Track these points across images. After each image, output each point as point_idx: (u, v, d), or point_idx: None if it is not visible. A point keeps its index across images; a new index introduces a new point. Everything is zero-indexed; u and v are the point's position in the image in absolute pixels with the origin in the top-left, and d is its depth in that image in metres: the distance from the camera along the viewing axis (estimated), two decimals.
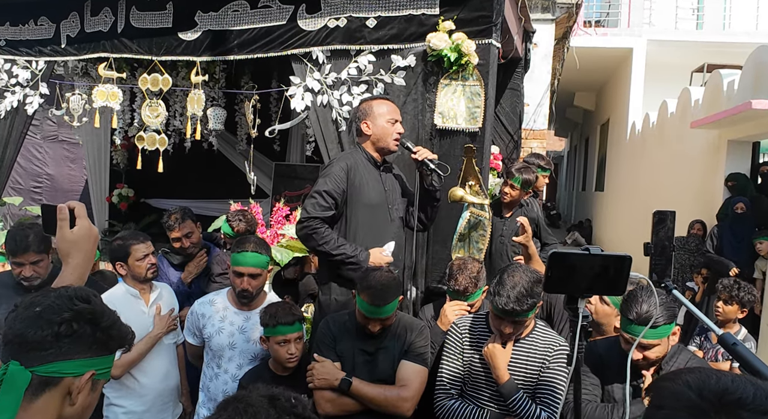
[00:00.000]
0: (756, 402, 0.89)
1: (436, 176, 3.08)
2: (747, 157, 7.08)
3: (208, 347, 2.97)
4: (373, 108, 3.13)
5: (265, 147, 6.00)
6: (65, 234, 1.62)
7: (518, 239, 3.47)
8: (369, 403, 2.58)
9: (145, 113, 4.41)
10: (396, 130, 3.13)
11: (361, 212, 3.07)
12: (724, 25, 12.32)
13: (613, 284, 1.77)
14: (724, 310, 4.03)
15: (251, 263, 2.91)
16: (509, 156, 5.37)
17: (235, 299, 3.00)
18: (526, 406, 2.43)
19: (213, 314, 2.97)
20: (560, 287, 1.83)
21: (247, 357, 2.93)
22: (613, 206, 12.70)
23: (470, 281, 2.90)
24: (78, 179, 8.31)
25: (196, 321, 3.00)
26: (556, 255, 1.75)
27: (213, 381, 2.94)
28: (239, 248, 2.93)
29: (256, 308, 2.99)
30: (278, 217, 4.69)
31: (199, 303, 3.06)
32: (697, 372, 0.97)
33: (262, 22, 3.79)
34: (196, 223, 3.91)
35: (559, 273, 1.75)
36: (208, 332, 2.95)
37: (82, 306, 1.31)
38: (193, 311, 3.04)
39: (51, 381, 1.26)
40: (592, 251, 1.74)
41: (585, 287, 1.78)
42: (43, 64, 4.51)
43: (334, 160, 3.18)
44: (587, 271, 1.75)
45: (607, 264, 1.75)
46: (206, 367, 3.01)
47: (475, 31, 3.38)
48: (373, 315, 2.59)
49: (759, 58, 6.03)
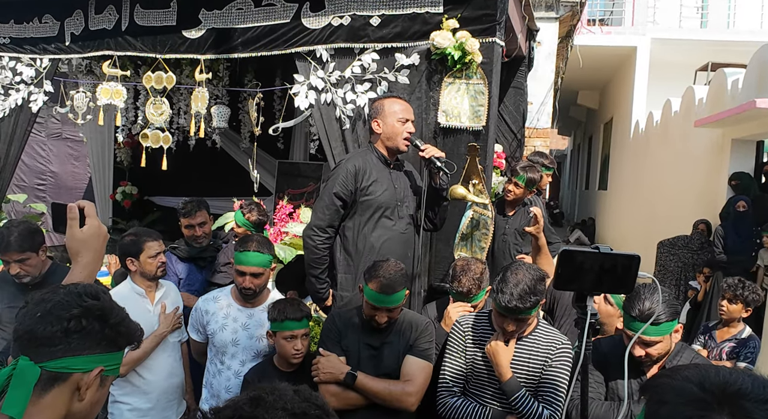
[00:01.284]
0: (755, 391, 0.91)
1: (443, 174, 3.09)
2: (751, 156, 7.07)
3: (212, 343, 2.99)
4: (385, 107, 3.15)
5: (269, 145, 6.01)
6: (75, 233, 1.63)
7: (530, 230, 3.45)
8: (374, 397, 2.59)
9: (149, 111, 4.42)
10: (406, 129, 3.14)
11: (370, 211, 3.10)
12: (729, 23, 12.28)
13: (621, 283, 1.80)
14: (728, 309, 4.03)
15: (253, 262, 2.93)
16: (512, 155, 5.37)
17: (239, 296, 3.02)
18: (528, 404, 2.43)
19: (217, 310, 2.99)
20: (570, 285, 1.86)
21: (250, 353, 2.95)
22: (617, 205, 12.68)
23: (474, 283, 2.90)
24: (82, 177, 8.33)
25: (200, 317, 3.02)
26: (566, 253, 1.78)
27: (216, 378, 2.96)
28: (242, 247, 2.95)
29: (259, 305, 3.01)
30: (281, 215, 4.70)
31: (203, 300, 3.08)
32: (695, 368, 0.99)
33: (266, 20, 3.79)
34: (210, 215, 3.98)
35: (568, 271, 1.78)
36: (212, 328, 2.96)
37: (91, 303, 1.32)
38: (197, 308, 3.06)
39: (60, 376, 1.27)
40: (601, 249, 1.77)
41: (594, 285, 1.81)
42: (48, 62, 4.52)
43: (343, 160, 3.22)
44: (596, 269, 1.77)
45: (616, 263, 1.78)
46: (210, 363, 3.03)
47: (479, 30, 3.39)
48: (381, 303, 2.59)
49: (763, 57, 6.01)
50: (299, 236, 4.61)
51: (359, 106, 3.58)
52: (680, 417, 0.92)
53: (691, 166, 8.18)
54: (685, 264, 6.83)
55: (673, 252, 6.94)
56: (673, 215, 8.35)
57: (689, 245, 6.85)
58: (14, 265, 3.06)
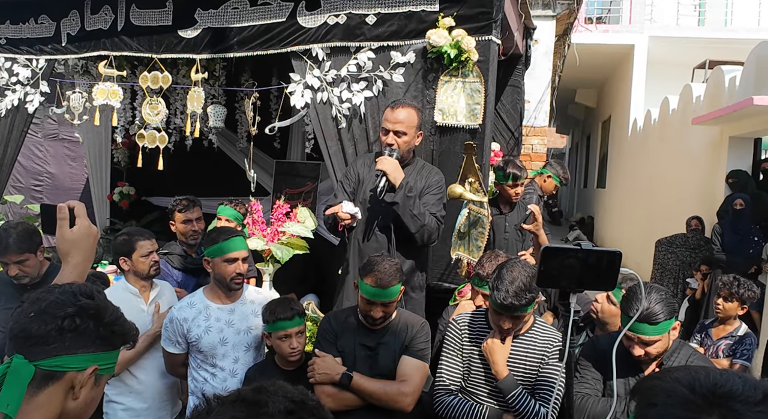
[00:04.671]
0: (746, 393, 0.90)
1: (384, 183, 3.10)
2: (748, 153, 7.07)
3: (197, 350, 2.85)
4: (384, 115, 3.26)
5: (266, 145, 6.00)
6: (65, 233, 1.63)
7: (528, 227, 3.46)
8: (369, 398, 2.59)
9: (145, 111, 4.41)
10: (386, 140, 3.19)
11: (360, 206, 3.19)
12: (726, 21, 12.29)
13: (603, 279, 1.81)
14: (724, 307, 4.03)
15: (242, 246, 2.88)
16: (510, 153, 5.36)
17: (216, 295, 2.92)
18: (525, 402, 2.43)
19: (195, 315, 2.86)
20: (552, 282, 1.88)
21: (240, 349, 2.89)
22: (615, 203, 12.69)
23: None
24: (79, 178, 8.31)
25: (178, 327, 2.85)
26: (548, 250, 1.78)
27: (208, 383, 2.85)
28: (224, 236, 2.87)
29: (237, 299, 2.95)
30: (278, 214, 4.69)
31: (177, 309, 2.90)
32: (684, 369, 0.99)
33: (261, 20, 3.79)
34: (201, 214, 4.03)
35: (551, 268, 1.79)
36: (195, 334, 2.83)
37: (85, 302, 1.33)
38: (172, 319, 2.87)
39: (54, 375, 1.28)
40: (583, 246, 1.77)
41: (576, 282, 1.82)
42: (44, 63, 4.51)
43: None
44: (578, 266, 1.78)
45: (598, 260, 1.78)
46: (195, 372, 2.90)
47: (475, 28, 3.38)
48: (377, 298, 2.59)
49: (761, 54, 6.01)
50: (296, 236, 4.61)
51: (355, 105, 3.58)
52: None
53: (689, 164, 8.19)
54: (683, 262, 6.83)
55: (672, 250, 6.95)
56: (671, 212, 8.35)
57: (687, 243, 6.85)
58: (13, 267, 3.05)
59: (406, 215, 3.09)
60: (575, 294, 1.85)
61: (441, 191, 3.26)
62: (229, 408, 0.94)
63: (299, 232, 4.59)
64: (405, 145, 3.21)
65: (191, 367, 2.93)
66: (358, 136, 3.62)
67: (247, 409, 0.93)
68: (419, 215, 3.09)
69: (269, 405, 0.93)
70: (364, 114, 3.57)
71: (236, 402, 0.95)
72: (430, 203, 3.18)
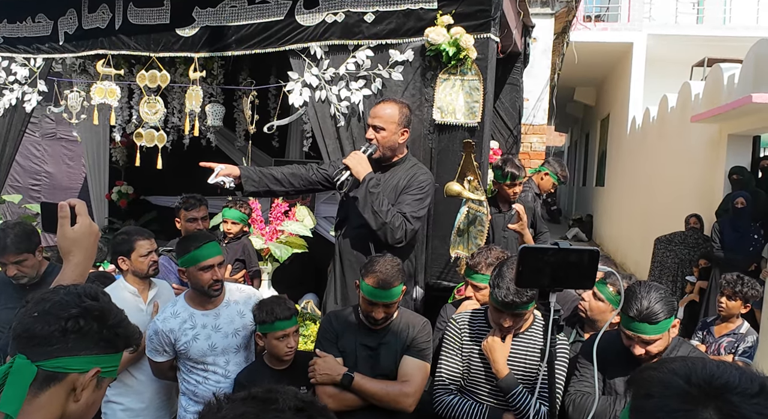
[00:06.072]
0: (742, 385, 0.90)
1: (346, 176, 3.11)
2: (747, 151, 7.07)
3: (186, 358, 2.81)
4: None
5: (264, 143, 5.99)
6: (66, 232, 1.62)
7: (513, 227, 3.48)
8: (371, 398, 2.57)
9: (143, 110, 4.40)
10: (367, 134, 3.20)
11: (345, 203, 3.25)
12: (725, 19, 12.29)
13: (582, 278, 1.81)
14: (727, 305, 4.03)
15: (215, 252, 2.80)
16: (509, 151, 5.36)
17: (199, 301, 2.85)
18: (525, 401, 2.42)
19: (181, 324, 2.79)
20: (531, 282, 1.88)
21: (230, 351, 2.85)
22: (614, 201, 12.68)
23: (483, 261, 2.91)
24: (77, 177, 8.29)
25: (164, 338, 2.78)
26: (526, 250, 1.78)
27: (201, 386, 2.82)
28: (196, 244, 2.78)
29: (221, 302, 2.89)
30: (277, 213, 4.69)
31: (160, 321, 2.81)
32: (681, 360, 0.98)
33: (259, 18, 3.77)
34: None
35: (530, 268, 1.79)
36: (184, 344, 2.77)
37: (89, 303, 1.33)
38: (157, 332, 2.78)
39: (56, 376, 1.27)
40: (561, 245, 1.78)
41: (555, 282, 1.82)
42: (41, 62, 4.50)
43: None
44: (557, 266, 1.78)
45: (576, 259, 1.78)
46: (187, 376, 2.85)
47: (474, 26, 3.37)
48: (378, 298, 2.57)
49: (759, 52, 6.00)
50: (295, 235, 4.60)
51: (354, 103, 3.57)
52: (666, 410, 0.90)
53: (687, 161, 8.18)
54: (681, 260, 6.83)
55: (670, 249, 6.94)
56: (670, 210, 8.35)
57: (686, 241, 6.85)
58: (11, 267, 3.03)
59: (367, 210, 3.01)
60: (554, 294, 1.85)
61: (423, 192, 3.15)
62: (239, 405, 0.97)
63: (298, 231, 4.59)
64: (384, 140, 3.14)
65: (181, 371, 2.88)
66: (357, 134, 3.60)
67: (258, 405, 0.96)
68: (381, 212, 2.99)
69: (279, 402, 0.97)
70: (362, 112, 3.56)
71: (247, 400, 0.98)
72: (405, 202, 3.10)
